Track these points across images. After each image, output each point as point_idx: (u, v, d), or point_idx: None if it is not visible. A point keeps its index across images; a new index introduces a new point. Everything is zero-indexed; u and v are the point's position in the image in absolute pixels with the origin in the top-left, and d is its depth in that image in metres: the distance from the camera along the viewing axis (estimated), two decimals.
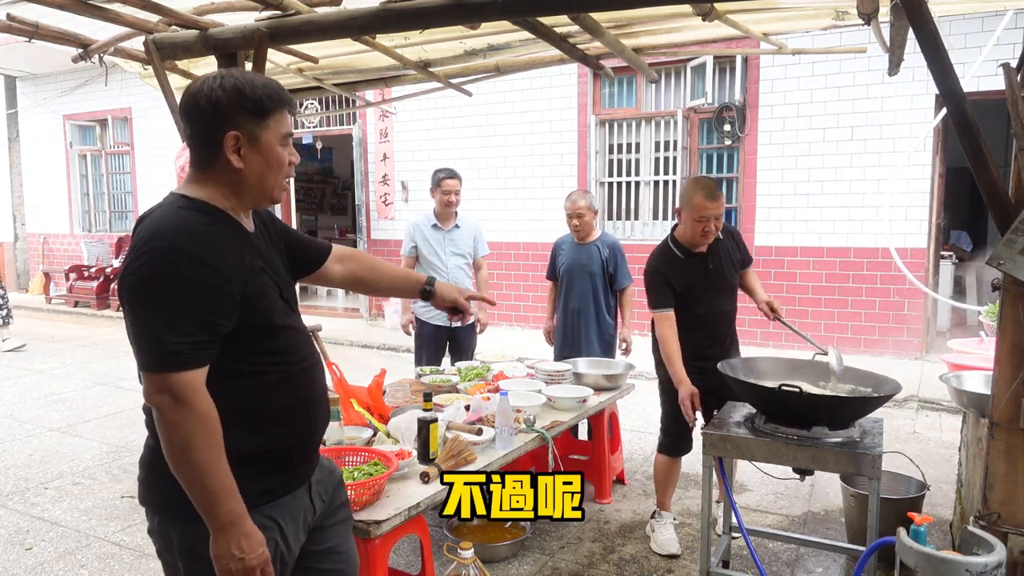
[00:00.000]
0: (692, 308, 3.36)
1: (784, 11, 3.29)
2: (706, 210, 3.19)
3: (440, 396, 3.52)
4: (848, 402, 2.64)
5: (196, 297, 1.45)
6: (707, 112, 7.90)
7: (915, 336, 7.21)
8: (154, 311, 1.44)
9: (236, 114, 1.53)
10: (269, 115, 1.57)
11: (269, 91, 1.56)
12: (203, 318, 1.45)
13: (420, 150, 9.53)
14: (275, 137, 1.58)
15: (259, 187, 1.60)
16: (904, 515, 2.12)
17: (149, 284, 1.44)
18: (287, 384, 1.64)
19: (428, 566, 2.60)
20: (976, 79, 6.07)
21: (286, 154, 1.61)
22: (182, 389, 1.43)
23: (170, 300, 1.43)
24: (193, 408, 1.44)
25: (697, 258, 3.37)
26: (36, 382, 6.98)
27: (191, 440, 1.43)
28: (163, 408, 1.43)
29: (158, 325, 1.43)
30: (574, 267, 4.46)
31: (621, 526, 3.71)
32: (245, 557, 1.48)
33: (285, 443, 1.65)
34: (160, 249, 1.45)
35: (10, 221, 13.81)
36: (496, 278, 8.90)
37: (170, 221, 1.50)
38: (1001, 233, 2.13)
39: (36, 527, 3.77)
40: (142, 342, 1.45)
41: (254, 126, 1.55)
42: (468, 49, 3.92)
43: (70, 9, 2.83)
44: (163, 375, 1.43)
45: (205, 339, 1.46)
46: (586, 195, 4.48)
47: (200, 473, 1.44)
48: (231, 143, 1.54)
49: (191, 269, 1.44)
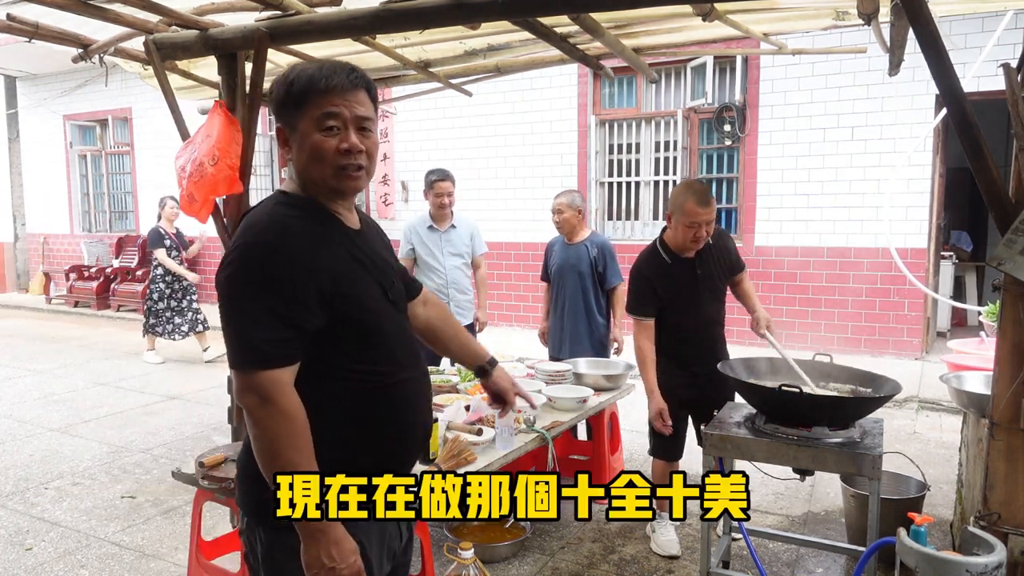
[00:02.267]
0: (678, 316, 3.33)
1: (784, 11, 3.29)
2: (698, 216, 3.12)
3: (440, 396, 3.52)
4: (848, 402, 2.64)
5: (283, 293, 1.40)
6: (707, 112, 7.90)
7: (915, 336, 7.21)
8: (241, 308, 1.41)
9: (280, 108, 1.53)
10: (304, 102, 1.50)
11: (307, 77, 1.50)
12: (290, 315, 1.41)
13: (420, 150, 9.53)
14: (310, 124, 1.50)
15: (311, 178, 1.53)
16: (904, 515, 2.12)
17: (237, 280, 1.42)
18: (380, 397, 1.55)
19: (428, 566, 2.60)
20: (976, 79, 6.07)
21: (326, 139, 1.49)
22: (268, 388, 1.39)
23: (257, 296, 1.40)
24: (279, 407, 1.40)
25: (685, 264, 3.30)
26: (36, 382, 6.98)
27: (277, 440, 1.40)
28: (250, 407, 1.40)
29: (245, 322, 1.41)
30: (564, 267, 4.47)
31: (621, 526, 3.71)
32: (336, 566, 1.41)
33: (372, 460, 1.54)
34: (249, 244, 1.43)
35: (10, 221, 13.81)
36: (496, 278, 8.90)
37: (263, 216, 1.48)
38: (1001, 233, 2.13)
39: (36, 527, 3.77)
40: (231, 340, 1.43)
41: (291, 116, 1.52)
42: (468, 49, 3.92)
43: (70, 9, 2.83)
44: (250, 374, 1.40)
45: (292, 336, 1.42)
46: (569, 194, 4.48)
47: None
48: (280, 138, 1.57)
49: (278, 264, 1.41)
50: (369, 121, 1.54)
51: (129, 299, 11.06)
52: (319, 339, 1.46)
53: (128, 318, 10.73)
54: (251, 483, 1.52)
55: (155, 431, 5.39)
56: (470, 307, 4.86)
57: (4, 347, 8.85)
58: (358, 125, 1.52)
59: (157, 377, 7.14)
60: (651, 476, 3.61)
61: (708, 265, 3.34)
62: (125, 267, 11.60)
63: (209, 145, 3.05)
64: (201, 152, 3.07)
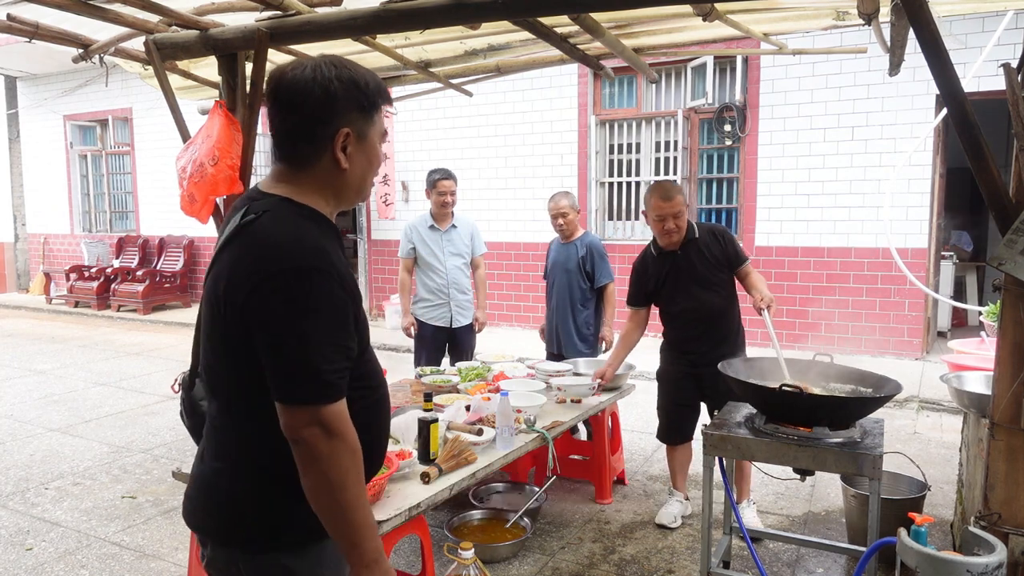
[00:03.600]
0: (668, 304, 3.64)
1: (785, 11, 3.29)
2: (661, 209, 3.43)
3: (440, 396, 3.52)
4: (848, 402, 2.64)
5: (342, 322, 1.36)
6: (707, 112, 7.90)
7: (916, 336, 7.20)
8: (307, 337, 1.31)
9: (351, 110, 1.42)
10: (378, 111, 1.46)
11: (379, 85, 1.46)
12: (347, 344, 1.37)
13: (420, 150, 9.53)
14: (378, 135, 1.48)
15: (359, 187, 1.49)
16: (905, 515, 2.12)
17: (298, 308, 1.31)
18: (375, 410, 1.53)
19: (429, 566, 2.60)
20: (976, 79, 6.07)
21: (383, 152, 1.54)
22: (335, 421, 1.33)
23: (319, 326, 1.32)
24: (346, 440, 1.34)
25: (669, 256, 3.57)
26: (36, 382, 6.98)
27: (347, 476, 1.34)
28: (314, 441, 1.31)
29: (310, 353, 1.31)
30: (555, 265, 4.59)
31: (622, 526, 3.71)
32: None
33: (374, 466, 1.54)
34: (303, 270, 1.32)
35: (10, 221, 13.81)
36: (496, 278, 8.90)
37: (296, 234, 1.36)
38: (1002, 233, 2.13)
39: (36, 527, 3.77)
40: (293, 371, 1.32)
41: (364, 123, 1.44)
42: (468, 49, 3.92)
43: (70, 9, 2.83)
44: (314, 407, 1.31)
45: (347, 366, 1.37)
46: (568, 195, 4.57)
47: (352, 508, 1.35)
48: (341, 140, 1.42)
49: (334, 292, 1.34)
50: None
51: (129, 299, 11.07)
52: None
53: (128, 318, 10.74)
54: (263, 508, 1.44)
55: (155, 431, 5.39)
56: (470, 307, 4.86)
57: (4, 347, 8.85)
58: None
59: (157, 377, 7.13)
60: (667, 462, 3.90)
61: (693, 258, 3.53)
62: (125, 267, 11.61)
63: (209, 145, 3.05)
64: (201, 152, 3.07)
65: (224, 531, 1.47)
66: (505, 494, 3.95)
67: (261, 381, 1.36)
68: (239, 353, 1.37)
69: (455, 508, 3.65)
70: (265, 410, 1.37)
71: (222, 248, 1.43)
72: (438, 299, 4.74)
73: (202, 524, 1.51)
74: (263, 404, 1.37)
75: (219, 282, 1.39)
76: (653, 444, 5.06)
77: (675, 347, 3.69)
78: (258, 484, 1.44)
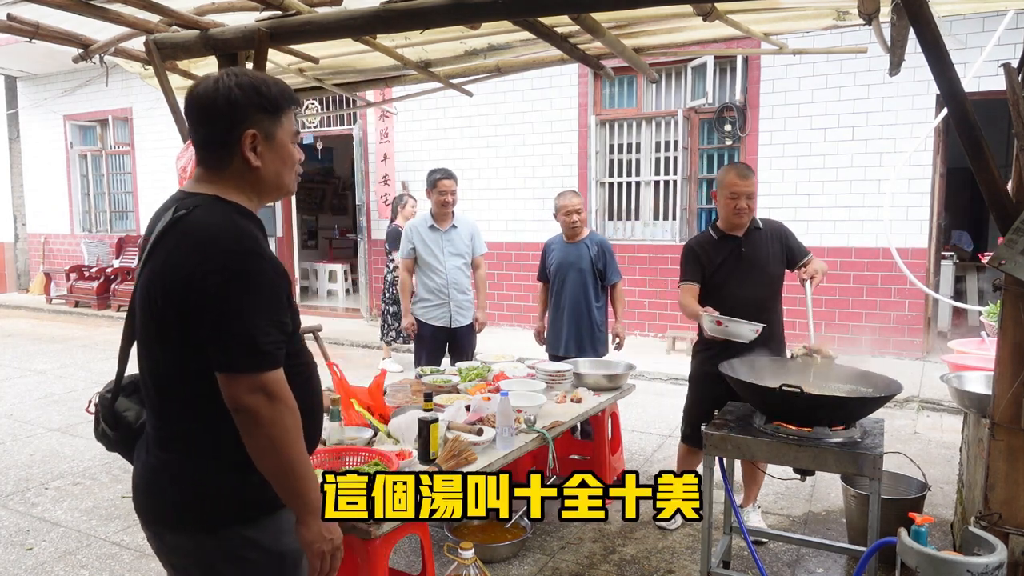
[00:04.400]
0: (720, 289, 3.44)
1: (785, 11, 3.29)
2: (737, 187, 3.34)
3: (441, 396, 3.52)
4: (849, 402, 2.63)
5: (276, 298, 1.51)
6: (708, 112, 7.90)
7: (916, 336, 7.20)
8: (244, 312, 1.45)
9: (254, 113, 1.55)
10: (283, 113, 1.59)
11: (282, 89, 1.59)
12: (282, 319, 1.52)
13: (421, 150, 9.53)
14: (288, 135, 1.61)
15: (276, 184, 1.63)
16: (905, 515, 2.12)
17: (236, 287, 1.45)
18: (308, 386, 1.66)
19: (429, 566, 2.59)
20: (977, 79, 6.07)
21: (295, 152, 1.65)
22: (276, 386, 1.48)
23: (256, 302, 1.47)
24: (287, 402, 1.49)
25: (731, 240, 3.46)
26: (37, 382, 6.98)
27: (289, 433, 1.49)
28: (258, 407, 1.45)
29: (248, 326, 1.45)
30: (564, 266, 4.51)
31: (622, 526, 3.71)
32: (333, 538, 1.58)
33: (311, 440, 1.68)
34: (238, 252, 1.47)
35: (11, 221, 13.81)
36: (497, 278, 8.90)
37: (229, 223, 1.51)
38: (1002, 233, 2.13)
39: (37, 527, 3.77)
40: (235, 343, 1.45)
41: (270, 124, 1.57)
42: (469, 49, 3.92)
43: (71, 9, 2.83)
44: (257, 375, 1.46)
45: (282, 339, 1.52)
46: (576, 194, 4.55)
47: (296, 463, 1.50)
48: (248, 142, 1.55)
49: (267, 271, 1.49)
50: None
51: (129, 299, 11.05)
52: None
53: None
54: (222, 487, 1.54)
55: None
56: (470, 307, 4.86)
57: (4, 347, 8.85)
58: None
59: None
60: (677, 458, 3.80)
61: (755, 247, 3.45)
62: (125, 267, 11.60)
63: None
64: None
65: (181, 515, 1.55)
66: None
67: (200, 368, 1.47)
68: (176, 344, 1.49)
69: None
70: (207, 397, 1.48)
71: (154, 246, 1.53)
72: (438, 299, 4.73)
73: (158, 513, 1.60)
74: (203, 392, 1.48)
75: (154, 279, 1.51)
76: (653, 444, 5.06)
77: (718, 343, 3.30)
78: (210, 464, 1.54)
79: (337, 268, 12.36)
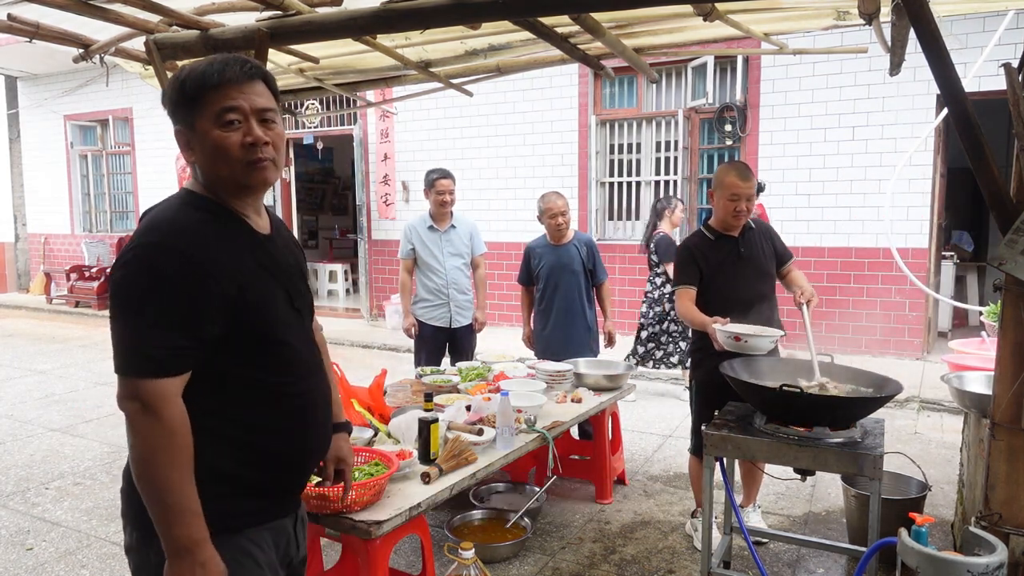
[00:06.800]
0: (722, 290, 3.34)
1: (785, 11, 3.29)
2: (738, 188, 3.26)
3: (441, 396, 3.52)
4: (849, 402, 2.63)
5: (182, 298, 1.35)
6: (708, 112, 7.90)
7: (916, 336, 7.20)
8: (134, 310, 1.35)
9: (176, 109, 1.49)
10: (199, 99, 1.45)
11: (199, 75, 1.45)
12: (188, 321, 1.36)
13: (421, 150, 9.53)
14: (208, 121, 1.45)
15: (219, 177, 1.48)
16: (905, 516, 2.11)
17: (133, 281, 1.35)
18: (282, 406, 1.52)
19: (429, 566, 2.60)
20: (977, 79, 6.07)
21: (227, 135, 1.45)
22: (153, 398, 1.34)
23: (152, 301, 1.34)
24: (161, 419, 1.34)
25: (728, 240, 3.41)
26: (37, 382, 6.98)
27: (156, 454, 1.34)
28: (131, 415, 1.34)
29: (137, 325, 1.35)
30: (556, 268, 4.46)
31: (622, 526, 3.71)
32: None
33: (273, 466, 1.52)
34: (147, 245, 1.38)
35: (11, 221, 13.81)
36: (497, 278, 8.90)
37: (166, 216, 1.43)
38: (1002, 233, 2.13)
39: (37, 527, 3.77)
40: (119, 343, 1.36)
41: (188, 116, 1.47)
42: (469, 49, 3.92)
43: (71, 9, 2.83)
44: (135, 380, 1.34)
45: (187, 345, 1.37)
46: (561, 196, 4.51)
47: (160, 489, 1.34)
48: (181, 140, 1.50)
49: (179, 267, 1.35)
50: (271, 112, 1.50)
51: None
52: (216, 347, 1.41)
53: None
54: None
55: None
56: (469, 307, 4.86)
57: (5, 347, 8.85)
58: (260, 117, 1.48)
59: None
60: (689, 473, 3.64)
61: (751, 246, 3.43)
62: None
63: None
64: None
65: (129, 515, 1.51)
66: (505, 494, 3.95)
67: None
68: None
69: (455, 508, 3.65)
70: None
71: None
72: (437, 299, 4.73)
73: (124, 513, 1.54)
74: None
75: None
76: (653, 444, 5.06)
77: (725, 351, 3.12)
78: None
79: (337, 268, 12.37)
